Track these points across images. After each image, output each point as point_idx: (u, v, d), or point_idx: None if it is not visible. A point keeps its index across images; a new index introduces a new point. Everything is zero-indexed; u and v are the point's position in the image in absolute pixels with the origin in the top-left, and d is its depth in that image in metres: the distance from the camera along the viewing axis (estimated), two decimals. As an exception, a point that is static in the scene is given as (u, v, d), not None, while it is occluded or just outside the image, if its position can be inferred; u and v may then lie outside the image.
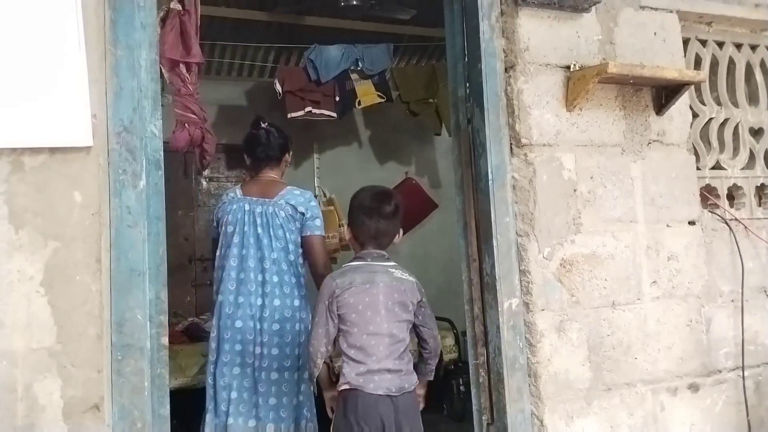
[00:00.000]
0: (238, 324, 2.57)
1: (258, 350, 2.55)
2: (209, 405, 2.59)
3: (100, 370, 1.79)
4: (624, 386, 2.32)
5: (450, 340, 4.37)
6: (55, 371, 1.75)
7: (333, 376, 2.21)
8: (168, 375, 1.93)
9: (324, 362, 2.09)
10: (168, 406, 1.90)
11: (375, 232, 2.11)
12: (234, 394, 2.53)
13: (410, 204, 5.50)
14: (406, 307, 2.05)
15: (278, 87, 4.58)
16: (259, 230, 2.66)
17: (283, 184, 2.84)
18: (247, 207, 2.70)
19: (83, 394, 1.76)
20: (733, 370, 2.52)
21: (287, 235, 2.66)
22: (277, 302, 2.59)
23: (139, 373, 1.82)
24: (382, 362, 1.98)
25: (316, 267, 2.67)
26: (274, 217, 2.68)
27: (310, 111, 4.65)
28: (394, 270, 2.10)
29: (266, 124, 2.94)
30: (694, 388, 2.45)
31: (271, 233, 2.66)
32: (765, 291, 2.64)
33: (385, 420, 1.93)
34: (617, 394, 2.31)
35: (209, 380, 2.62)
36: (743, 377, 2.51)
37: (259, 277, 2.62)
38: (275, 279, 2.62)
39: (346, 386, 1.98)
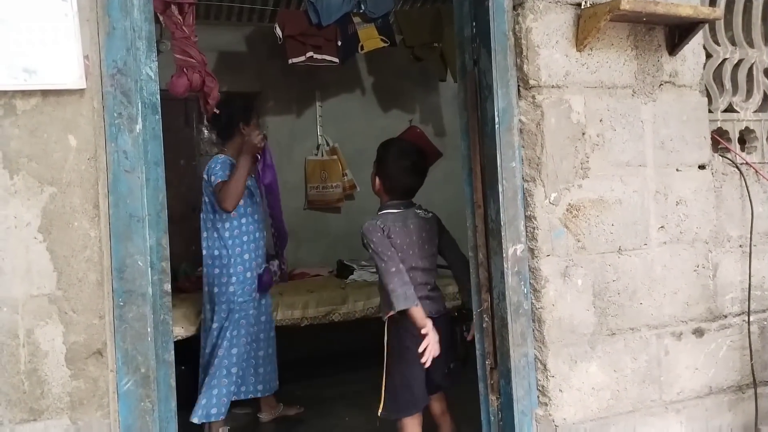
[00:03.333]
0: None
1: None
2: None
3: (102, 316, 1.78)
4: (628, 331, 2.31)
5: (453, 288, 4.38)
6: (56, 317, 1.74)
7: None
8: (172, 321, 1.93)
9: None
10: (172, 352, 1.91)
11: (411, 188, 2.51)
12: None
13: (414, 152, 5.46)
14: (433, 241, 2.49)
15: (278, 31, 4.48)
16: None
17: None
18: None
19: (85, 339, 1.76)
20: (739, 315, 2.51)
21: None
22: None
23: (141, 319, 1.81)
24: (421, 291, 2.38)
25: None
26: None
27: (312, 56, 4.56)
28: (418, 210, 2.51)
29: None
30: (699, 332, 2.44)
31: None
32: (775, 236, 2.61)
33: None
34: (621, 338, 2.30)
35: None
36: (748, 322, 2.50)
37: None
38: None
39: (395, 312, 2.32)
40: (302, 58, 4.57)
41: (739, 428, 2.46)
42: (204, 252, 3.27)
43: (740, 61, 2.71)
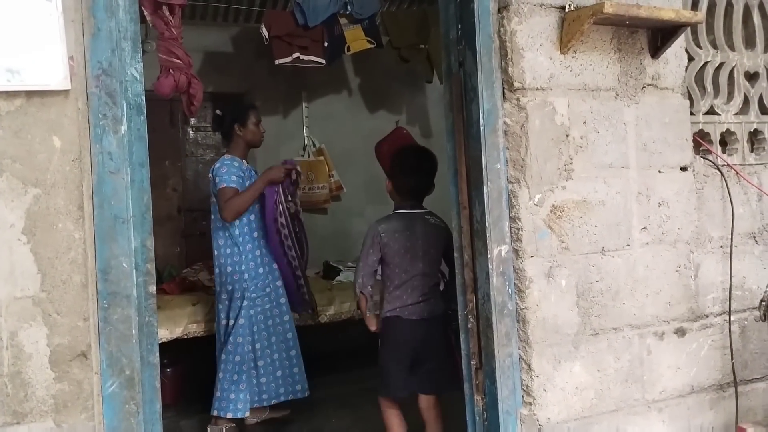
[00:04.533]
0: None
1: None
2: None
3: (86, 318, 1.77)
4: (611, 331, 2.34)
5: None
6: (40, 319, 1.73)
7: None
8: (157, 323, 1.92)
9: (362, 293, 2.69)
10: (157, 354, 1.90)
11: (416, 188, 2.72)
12: None
13: (400, 154, 5.47)
14: (438, 249, 2.67)
15: (265, 32, 4.46)
16: None
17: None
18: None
19: (70, 342, 1.76)
20: (720, 314, 2.55)
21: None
22: None
23: (126, 321, 1.81)
24: (416, 296, 2.62)
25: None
26: None
27: (298, 57, 4.55)
28: (428, 217, 2.71)
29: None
30: (680, 332, 2.48)
31: None
32: (754, 237, 2.64)
33: (418, 337, 2.61)
34: (605, 338, 2.33)
35: None
36: (729, 322, 2.54)
37: None
38: None
39: (388, 314, 2.64)
40: (289, 59, 4.57)
41: (720, 427, 2.50)
42: (216, 252, 3.33)
43: (721, 64, 2.75)
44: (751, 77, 2.82)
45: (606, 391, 2.32)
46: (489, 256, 2.19)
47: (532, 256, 2.22)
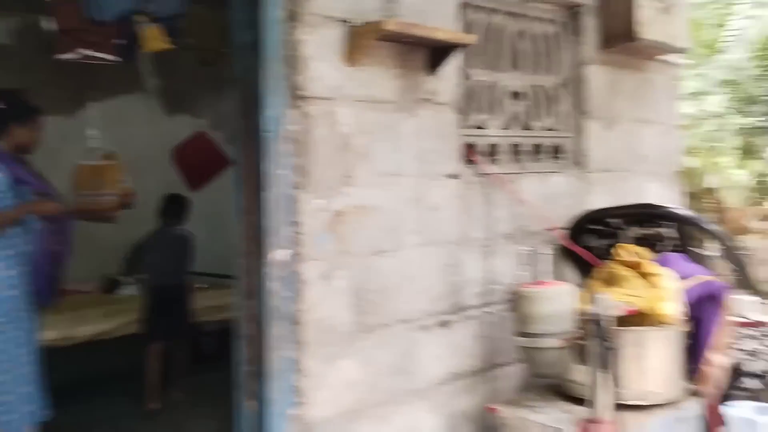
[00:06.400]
0: None
1: None
2: None
3: None
4: (382, 327, 2.48)
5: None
6: None
7: None
8: None
9: None
10: None
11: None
12: None
13: (200, 160, 5.28)
14: (182, 249, 4.24)
15: (49, 24, 4.08)
16: None
17: None
18: None
19: None
20: (479, 307, 2.82)
21: None
22: None
23: None
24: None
25: None
26: None
27: (87, 53, 4.22)
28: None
29: None
30: (444, 324, 2.69)
31: None
32: (510, 237, 2.96)
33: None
34: (376, 334, 2.46)
35: None
36: (486, 313, 2.82)
37: None
38: None
39: None
40: (75, 55, 4.21)
41: (476, 407, 2.73)
42: None
43: (490, 84, 3.06)
44: (516, 96, 3.17)
45: (376, 385, 2.45)
46: (269, 260, 2.22)
47: (311, 260, 2.29)
